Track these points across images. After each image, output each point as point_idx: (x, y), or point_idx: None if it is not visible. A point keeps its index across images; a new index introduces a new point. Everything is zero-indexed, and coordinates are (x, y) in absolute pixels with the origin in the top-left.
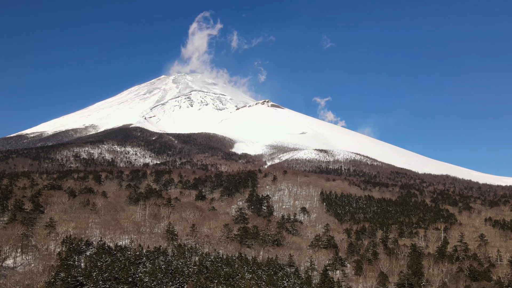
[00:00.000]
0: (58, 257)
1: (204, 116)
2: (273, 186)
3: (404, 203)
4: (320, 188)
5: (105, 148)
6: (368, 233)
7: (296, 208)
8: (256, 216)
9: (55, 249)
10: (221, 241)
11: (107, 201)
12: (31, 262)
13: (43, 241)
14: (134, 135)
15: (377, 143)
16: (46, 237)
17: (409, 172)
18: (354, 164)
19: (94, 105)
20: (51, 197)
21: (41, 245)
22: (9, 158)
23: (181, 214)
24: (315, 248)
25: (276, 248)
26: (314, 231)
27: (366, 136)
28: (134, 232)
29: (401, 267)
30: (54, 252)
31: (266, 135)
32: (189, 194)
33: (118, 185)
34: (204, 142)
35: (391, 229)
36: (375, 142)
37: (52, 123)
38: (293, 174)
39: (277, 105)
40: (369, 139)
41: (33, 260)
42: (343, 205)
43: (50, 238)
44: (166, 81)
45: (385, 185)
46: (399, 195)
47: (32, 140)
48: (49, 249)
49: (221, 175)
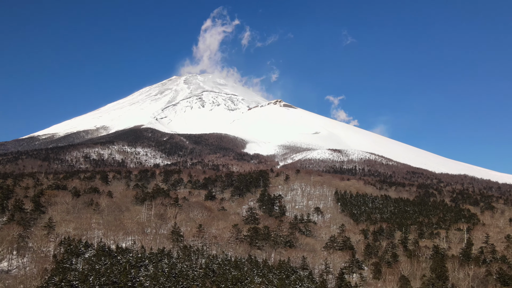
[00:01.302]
0: (53, 260)
1: (216, 116)
2: (286, 186)
3: (423, 202)
4: (334, 187)
5: (115, 149)
6: (386, 234)
7: (310, 208)
8: (268, 216)
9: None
10: (230, 242)
11: (111, 201)
12: (27, 265)
13: (39, 242)
14: (145, 136)
15: (391, 142)
16: (43, 238)
17: (425, 172)
18: (369, 164)
19: (105, 107)
20: (55, 197)
21: (37, 247)
22: (18, 159)
23: (188, 214)
24: (330, 250)
25: (289, 249)
26: (329, 232)
27: (380, 135)
28: (138, 233)
29: (424, 270)
30: (50, 254)
31: (278, 135)
32: (198, 194)
33: (126, 185)
34: (216, 142)
35: (410, 230)
36: (389, 142)
37: (63, 124)
38: (306, 173)
39: (289, 104)
40: (384, 138)
41: (29, 262)
42: (359, 205)
43: (48, 239)
44: (178, 82)
45: (401, 185)
46: (417, 195)
47: (44, 141)
48: (46, 251)
49: (231, 175)
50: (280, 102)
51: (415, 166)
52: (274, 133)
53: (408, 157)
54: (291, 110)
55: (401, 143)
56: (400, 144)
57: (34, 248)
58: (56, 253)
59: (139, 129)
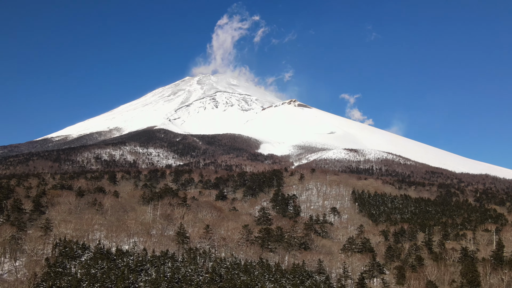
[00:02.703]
0: (45, 263)
1: (229, 117)
2: (300, 186)
3: (445, 202)
4: (351, 187)
5: (126, 150)
6: (407, 235)
7: (326, 209)
8: (281, 217)
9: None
10: (240, 244)
11: (116, 201)
12: (20, 269)
13: (33, 244)
14: (157, 136)
15: (408, 142)
16: (37, 240)
17: (445, 171)
18: (386, 163)
19: (118, 108)
20: (58, 197)
21: (31, 249)
22: (29, 161)
23: (197, 214)
24: (348, 253)
25: (304, 252)
26: (346, 233)
27: (397, 135)
28: (141, 234)
29: (452, 275)
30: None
31: (293, 135)
32: (209, 194)
33: (134, 185)
34: (229, 143)
35: (433, 231)
36: (406, 141)
37: (77, 126)
38: (321, 173)
39: (304, 104)
40: (400, 138)
41: (22, 266)
42: (377, 205)
43: (45, 241)
44: (191, 82)
45: (421, 184)
46: (438, 195)
47: (57, 143)
48: (40, 254)
49: (244, 174)
50: (294, 101)
51: (434, 166)
52: (289, 133)
53: (427, 157)
54: (305, 109)
55: (418, 143)
56: (417, 143)
57: (27, 250)
58: (48, 257)
59: (151, 130)
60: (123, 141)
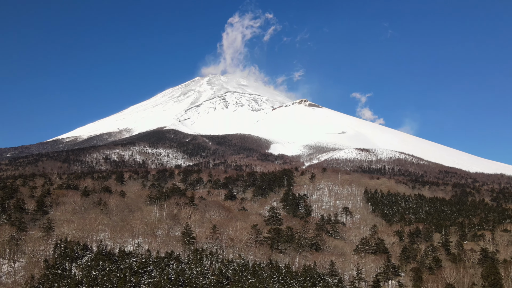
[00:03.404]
0: (44, 265)
1: (240, 117)
2: (311, 185)
3: (460, 202)
4: (364, 186)
5: (136, 150)
6: (423, 236)
7: (337, 209)
8: (292, 217)
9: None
10: (248, 245)
11: (122, 201)
12: (19, 270)
13: (33, 245)
14: (167, 137)
15: (421, 141)
16: (37, 241)
17: (459, 171)
18: (399, 163)
19: (128, 109)
20: (63, 196)
21: (29, 251)
22: (38, 161)
23: (204, 214)
24: (362, 254)
25: (315, 253)
26: (359, 233)
27: (409, 134)
28: (146, 235)
29: (473, 277)
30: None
31: (304, 135)
32: (218, 194)
33: (141, 185)
34: (239, 143)
35: (450, 231)
36: (419, 140)
37: (87, 127)
38: (333, 172)
39: (315, 104)
40: (412, 137)
41: (21, 268)
42: (391, 205)
43: (46, 242)
44: (200, 83)
45: (435, 184)
46: (453, 194)
47: (67, 144)
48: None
49: (254, 174)
50: (305, 101)
51: (447, 166)
52: (299, 133)
53: (440, 156)
54: (316, 109)
55: (431, 142)
56: (430, 143)
57: (26, 251)
58: (47, 258)
59: (161, 130)
60: (133, 142)
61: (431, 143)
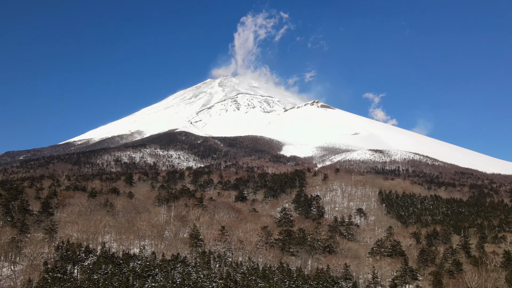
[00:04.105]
0: (44, 268)
1: (251, 119)
2: (324, 186)
3: (478, 203)
4: (378, 187)
5: (147, 152)
6: (441, 238)
7: (351, 210)
8: (304, 218)
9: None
10: (258, 247)
11: (129, 202)
12: (20, 274)
13: (34, 247)
14: (178, 139)
15: (435, 142)
16: (39, 242)
17: (475, 172)
18: (413, 164)
19: (140, 111)
20: (70, 198)
21: (30, 253)
22: (49, 164)
23: (213, 216)
24: (377, 256)
25: (328, 256)
26: (374, 235)
27: (423, 135)
28: (152, 237)
29: (496, 282)
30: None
31: (316, 136)
32: (228, 195)
33: (151, 186)
34: (251, 145)
35: (468, 233)
36: (433, 141)
37: (99, 130)
38: (346, 173)
39: (327, 105)
40: (427, 138)
41: (22, 271)
42: (406, 206)
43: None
44: (212, 85)
45: (451, 185)
46: (471, 195)
47: (79, 147)
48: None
49: (265, 175)
50: (317, 102)
51: (463, 167)
52: (312, 135)
53: (455, 157)
54: (329, 110)
55: (445, 143)
56: (444, 143)
57: (26, 254)
58: (47, 261)
59: (173, 132)
60: (144, 144)
61: (446, 143)
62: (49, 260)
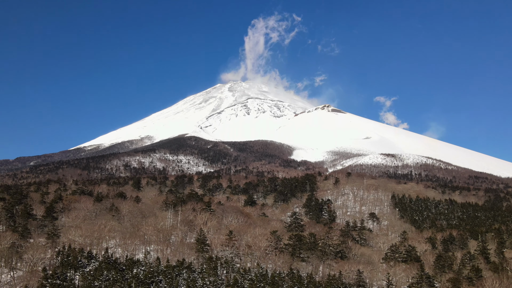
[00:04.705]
0: (43, 275)
1: (261, 123)
2: (335, 190)
3: (495, 207)
4: (391, 191)
5: (156, 157)
6: (458, 243)
7: (363, 214)
8: (315, 223)
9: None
10: (267, 253)
11: (136, 207)
12: (19, 280)
13: (33, 253)
14: (188, 144)
15: (448, 146)
16: (40, 248)
17: (490, 176)
18: (426, 168)
19: (150, 116)
20: (75, 202)
21: (30, 259)
22: (59, 169)
23: (221, 220)
24: (391, 262)
25: (340, 262)
26: (387, 240)
27: (435, 139)
28: (158, 242)
29: None
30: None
31: (327, 141)
32: (237, 200)
33: (159, 191)
34: (261, 149)
35: (486, 238)
36: (445, 145)
37: (109, 135)
38: (358, 177)
39: (338, 109)
40: (439, 142)
41: (22, 278)
42: (420, 210)
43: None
44: (222, 90)
45: (466, 189)
46: (487, 199)
47: (90, 152)
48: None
49: (275, 180)
50: (328, 107)
51: (477, 171)
52: (323, 139)
53: (468, 161)
54: (339, 115)
55: (457, 147)
56: (456, 147)
57: (26, 259)
58: (46, 266)
59: (182, 137)
60: (153, 149)
61: (458, 147)
62: (50, 266)
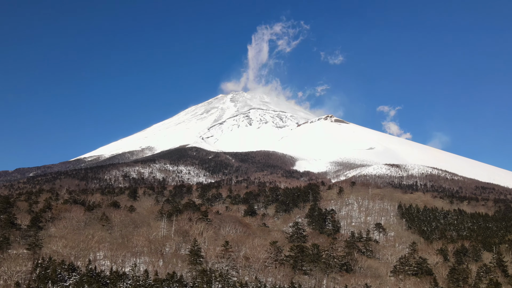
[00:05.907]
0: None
1: (264, 134)
2: (339, 200)
3: (507, 218)
4: (397, 201)
5: (156, 167)
6: (471, 255)
7: (369, 225)
8: (318, 234)
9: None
10: (267, 265)
11: (128, 216)
12: None
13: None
14: (189, 154)
15: (453, 156)
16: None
17: (497, 187)
18: (431, 179)
19: (151, 127)
20: (65, 212)
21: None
22: (56, 179)
23: (219, 230)
24: (401, 275)
25: (346, 275)
26: (395, 252)
27: (439, 150)
28: (148, 253)
29: None
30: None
31: (330, 151)
32: (237, 210)
33: (155, 200)
34: (263, 160)
35: (500, 250)
36: (451, 156)
37: (109, 146)
38: (362, 186)
39: (341, 120)
40: (444, 152)
41: None
42: (429, 221)
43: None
44: (224, 100)
45: (475, 199)
46: (497, 210)
47: (89, 163)
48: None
49: (277, 189)
50: (331, 117)
51: (484, 181)
52: (326, 150)
53: (474, 172)
54: (343, 125)
55: (462, 157)
56: (461, 158)
57: (0, 272)
58: (20, 280)
59: (183, 148)
60: (153, 159)
61: (463, 158)
62: (25, 279)
